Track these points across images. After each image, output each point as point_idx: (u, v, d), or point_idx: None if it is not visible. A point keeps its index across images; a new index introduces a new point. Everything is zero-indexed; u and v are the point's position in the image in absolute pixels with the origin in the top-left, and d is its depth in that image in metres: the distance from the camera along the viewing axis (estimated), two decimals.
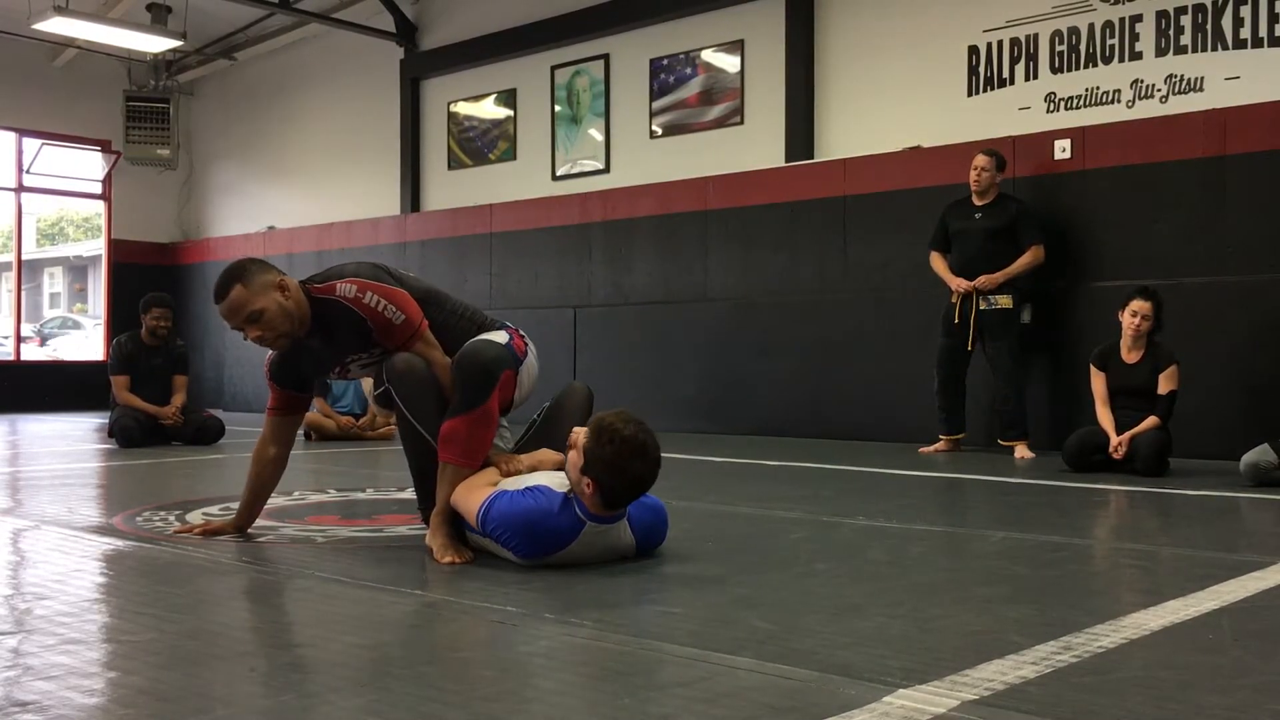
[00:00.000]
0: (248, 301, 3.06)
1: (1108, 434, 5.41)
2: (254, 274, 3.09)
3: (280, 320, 3.08)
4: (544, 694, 1.85)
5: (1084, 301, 6.59)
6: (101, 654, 2.14)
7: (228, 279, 3.09)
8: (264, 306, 3.06)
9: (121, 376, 7.01)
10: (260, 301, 3.06)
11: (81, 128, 12.15)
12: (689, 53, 8.79)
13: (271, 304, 3.07)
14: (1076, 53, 6.90)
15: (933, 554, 3.26)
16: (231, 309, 3.08)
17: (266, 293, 3.07)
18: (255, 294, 3.06)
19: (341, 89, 11.50)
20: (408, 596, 2.64)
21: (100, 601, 2.66)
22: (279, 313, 3.07)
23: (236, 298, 3.06)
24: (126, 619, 2.44)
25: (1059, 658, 2.00)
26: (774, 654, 2.02)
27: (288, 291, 3.10)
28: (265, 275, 3.11)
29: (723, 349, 8.24)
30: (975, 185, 6.46)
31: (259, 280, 3.08)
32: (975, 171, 6.45)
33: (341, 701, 1.80)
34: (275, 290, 3.08)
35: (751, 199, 8.18)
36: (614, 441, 2.69)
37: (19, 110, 11.71)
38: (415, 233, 10.56)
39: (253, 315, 3.06)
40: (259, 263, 3.18)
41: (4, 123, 11.72)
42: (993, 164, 6.43)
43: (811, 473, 5.55)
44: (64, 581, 2.85)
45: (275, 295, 3.08)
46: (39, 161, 12.02)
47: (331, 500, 4.33)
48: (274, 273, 3.14)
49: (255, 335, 3.08)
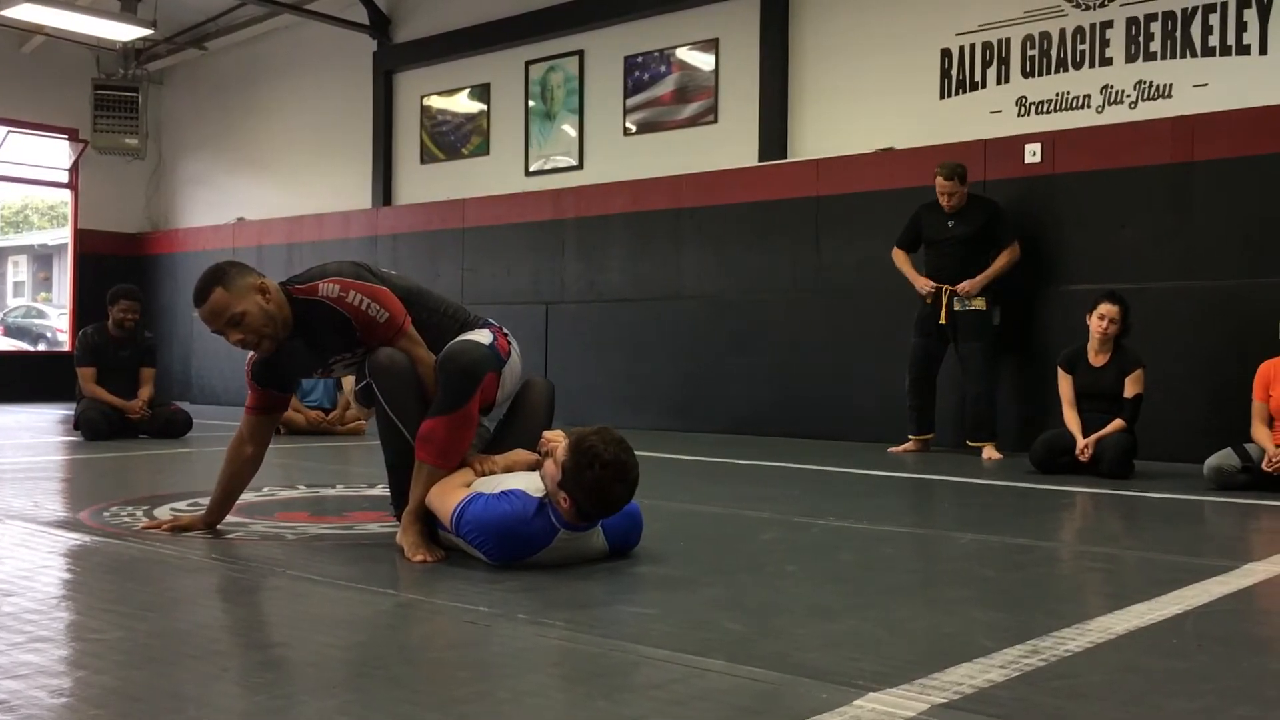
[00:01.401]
0: (229, 305, 3.03)
1: (1074, 436, 5.47)
2: (234, 277, 3.07)
3: (262, 323, 3.06)
4: (519, 695, 1.85)
5: (1052, 305, 6.65)
6: (70, 652, 2.13)
7: (207, 282, 3.06)
8: (245, 309, 3.04)
9: (88, 368, 6.94)
10: (241, 304, 3.04)
11: (49, 115, 12.00)
12: (664, 50, 8.79)
13: (253, 307, 3.05)
14: (1048, 58, 6.96)
15: (902, 555, 3.28)
16: (212, 312, 3.05)
17: (247, 295, 3.05)
18: (236, 297, 3.04)
19: (313, 81, 11.42)
20: (380, 595, 2.63)
21: (68, 598, 2.65)
22: (260, 315, 3.05)
23: (217, 301, 3.04)
24: (95, 616, 2.42)
25: (1026, 661, 2.03)
26: (745, 656, 2.03)
27: (269, 294, 3.08)
28: (245, 278, 3.08)
29: (695, 347, 8.26)
30: (947, 206, 6.50)
31: (239, 283, 3.06)
32: (944, 197, 6.48)
33: (316, 702, 1.80)
34: (256, 293, 3.06)
35: (725, 198, 8.20)
36: (594, 466, 2.69)
37: None
38: (387, 227, 10.51)
39: (234, 319, 3.04)
40: (238, 265, 3.16)
41: None
42: (956, 184, 6.45)
43: (782, 472, 5.57)
44: (30, 578, 2.82)
45: (256, 298, 3.06)
46: (4, 149, 11.86)
47: (301, 496, 4.31)
48: (254, 275, 3.12)
49: (237, 339, 3.06)
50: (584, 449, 2.72)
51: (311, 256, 10.77)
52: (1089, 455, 5.36)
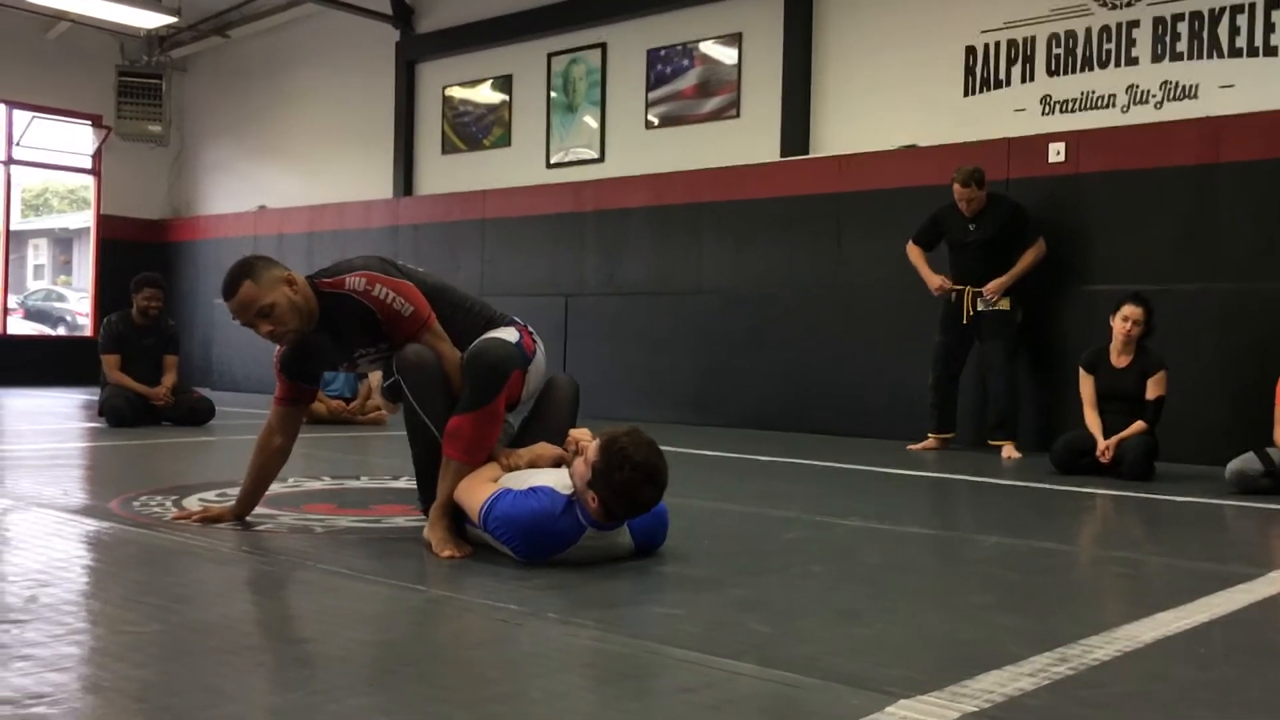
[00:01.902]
0: (257, 297, 3.07)
1: (1095, 437, 5.46)
2: (262, 270, 3.11)
3: (289, 315, 3.10)
4: (551, 697, 1.88)
5: (1074, 304, 6.64)
6: (108, 645, 2.16)
7: (236, 275, 3.11)
8: (274, 301, 3.08)
9: (112, 355, 7.00)
10: (270, 296, 3.08)
11: (73, 101, 12.07)
12: (687, 44, 8.79)
13: (281, 299, 3.09)
14: (1073, 56, 6.93)
15: (926, 557, 3.30)
16: (241, 305, 3.09)
17: (275, 288, 3.09)
18: (264, 289, 3.08)
19: (336, 70, 11.45)
20: (409, 591, 2.66)
21: (103, 589, 2.68)
22: (288, 307, 3.09)
23: (246, 293, 3.08)
24: (130, 608, 2.45)
25: (1055, 670, 2.04)
26: (775, 660, 2.05)
27: (295, 286, 3.12)
28: (273, 271, 3.13)
29: (713, 342, 8.27)
30: (966, 212, 6.50)
31: (267, 276, 3.10)
32: (963, 203, 6.48)
33: (349, 700, 1.82)
34: (284, 285, 3.10)
35: (746, 193, 8.20)
36: (624, 468, 2.71)
37: (10, 82, 11.62)
38: (408, 217, 10.54)
39: (263, 310, 3.08)
40: (265, 259, 3.20)
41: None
42: (974, 190, 6.44)
43: (802, 469, 5.58)
44: (66, 568, 2.86)
45: (284, 290, 3.10)
46: (29, 134, 11.94)
47: (326, 488, 4.34)
48: (281, 268, 3.16)
49: (266, 330, 3.10)
50: (615, 450, 2.74)
51: (332, 245, 10.82)
52: (1110, 457, 5.36)
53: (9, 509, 3.69)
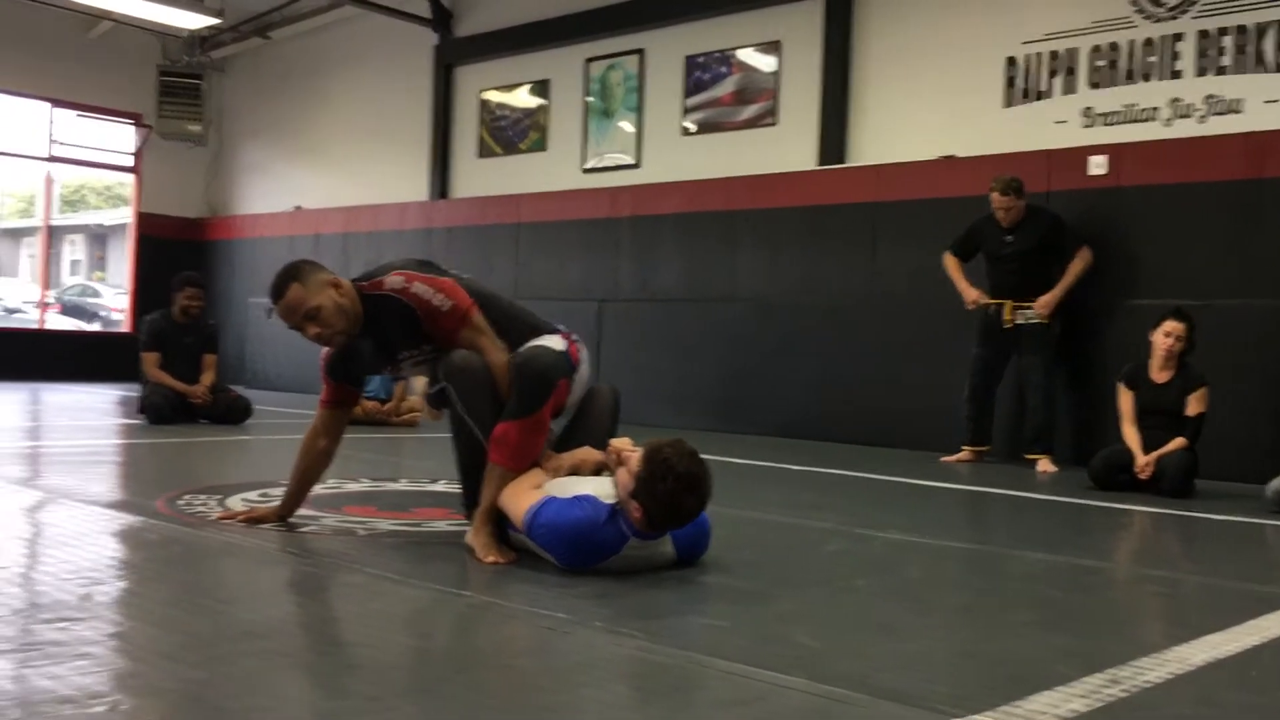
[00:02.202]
0: (305, 299, 3.12)
1: (1134, 453, 5.43)
2: (308, 273, 3.16)
3: (336, 317, 3.14)
4: (601, 707, 1.89)
5: (1114, 318, 6.59)
6: (162, 645, 2.17)
7: (284, 278, 3.16)
8: (320, 304, 3.12)
9: (152, 353, 7.07)
10: (317, 299, 3.12)
11: (114, 100, 12.21)
12: (725, 51, 8.79)
13: (328, 301, 3.12)
14: (1115, 68, 6.89)
15: (968, 573, 3.29)
16: (289, 307, 3.14)
17: (322, 290, 3.13)
18: (312, 292, 3.13)
19: (374, 72, 11.53)
20: (455, 596, 2.68)
21: (153, 588, 2.71)
22: (335, 310, 3.13)
23: (294, 296, 3.12)
24: (182, 608, 2.48)
25: (1107, 691, 2.03)
26: (824, 675, 2.05)
27: (341, 289, 3.16)
28: (319, 274, 3.17)
29: (746, 349, 8.27)
30: (1004, 222, 6.47)
31: (314, 279, 3.15)
32: (1000, 212, 6.46)
33: (403, 706, 1.83)
34: (330, 288, 3.14)
35: (781, 201, 8.20)
36: (667, 479, 2.72)
37: (53, 81, 11.76)
38: (442, 219, 10.60)
39: (310, 313, 3.11)
40: (311, 263, 3.25)
41: (38, 92, 11.78)
42: (1012, 198, 6.42)
43: (837, 480, 5.57)
44: (116, 565, 2.90)
45: (330, 292, 3.14)
46: (70, 132, 12.08)
47: (366, 490, 4.37)
48: (327, 272, 3.21)
49: (314, 333, 3.14)
50: (658, 460, 2.75)
51: (367, 246, 10.90)
52: (1149, 473, 5.32)
53: (58, 506, 3.74)
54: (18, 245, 25.57)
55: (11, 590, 2.52)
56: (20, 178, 21.65)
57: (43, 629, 2.20)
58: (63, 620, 2.28)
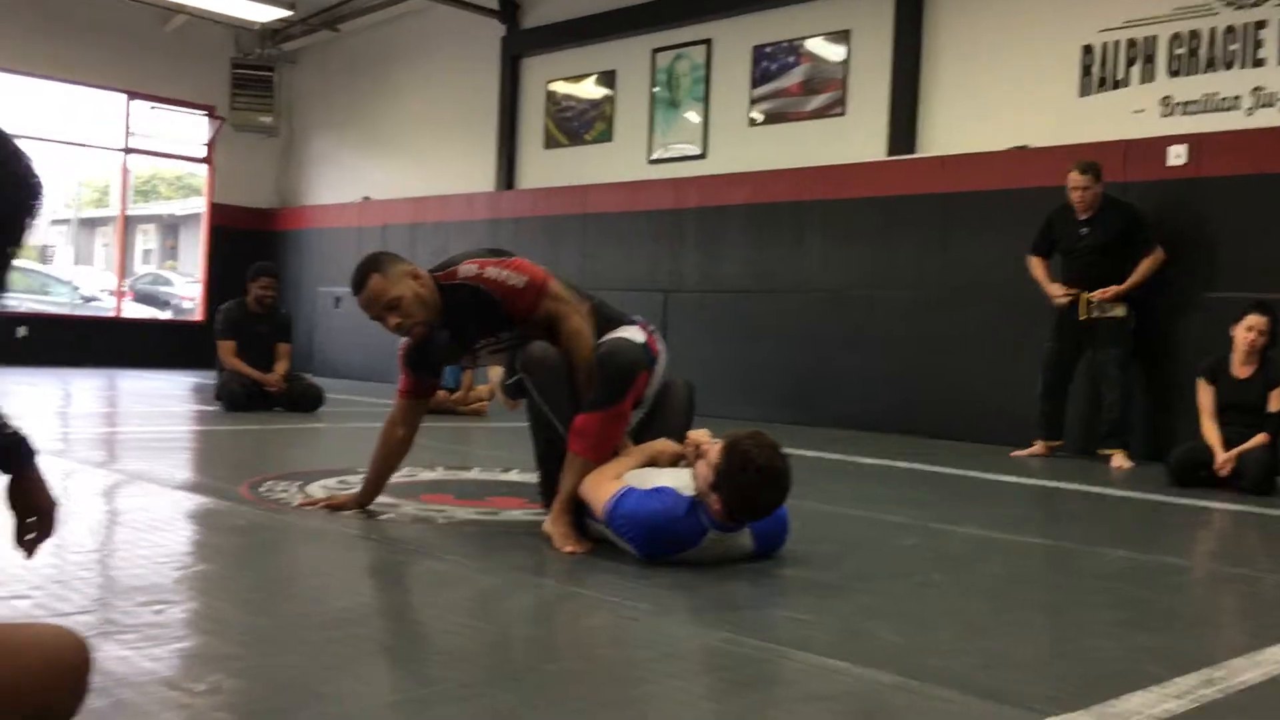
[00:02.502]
0: (385, 289, 3.16)
1: (1214, 449, 5.32)
2: (388, 264, 3.21)
3: (416, 306, 3.17)
4: (691, 699, 1.90)
5: (1192, 312, 6.46)
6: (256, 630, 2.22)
7: (365, 270, 3.20)
8: (401, 294, 3.16)
9: (228, 341, 7.21)
10: (397, 289, 3.16)
11: (188, 92, 12.44)
12: (793, 41, 8.74)
13: (408, 291, 3.17)
14: (1196, 57, 6.74)
15: (1048, 570, 3.25)
16: (370, 298, 3.18)
17: (402, 280, 3.17)
18: (392, 282, 3.17)
19: (441, 64, 11.62)
20: (537, 586, 2.71)
21: (243, 573, 2.77)
22: (415, 299, 3.17)
23: (375, 286, 3.17)
24: (272, 593, 2.53)
25: (1202, 692, 2.00)
26: (914, 671, 2.04)
27: (420, 279, 3.20)
28: (399, 265, 3.22)
29: (813, 341, 8.23)
30: (1080, 204, 6.36)
31: (394, 269, 3.19)
32: (1077, 192, 6.34)
33: (497, 694, 1.85)
34: (409, 278, 3.19)
35: (850, 191, 8.14)
36: (747, 470, 2.72)
37: (129, 73, 12.02)
38: (509, 210, 10.67)
39: (391, 303, 3.16)
40: (390, 254, 3.30)
41: (115, 84, 12.04)
42: (1091, 179, 6.31)
43: (907, 473, 5.54)
44: (206, 549, 2.97)
45: (410, 283, 3.18)
46: (145, 123, 12.34)
47: (442, 479, 4.43)
48: (406, 262, 3.25)
49: (395, 322, 3.18)
50: (739, 453, 2.75)
51: (434, 237, 11.00)
52: (1229, 470, 5.22)
53: (146, 490, 3.83)
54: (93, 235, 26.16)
55: (110, 574, 2.60)
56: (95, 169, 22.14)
57: (141, 611, 2.26)
58: (159, 603, 2.34)
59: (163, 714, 1.66)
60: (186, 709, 1.69)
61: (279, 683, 1.86)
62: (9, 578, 2.40)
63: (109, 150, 12.52)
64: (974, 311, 7.40)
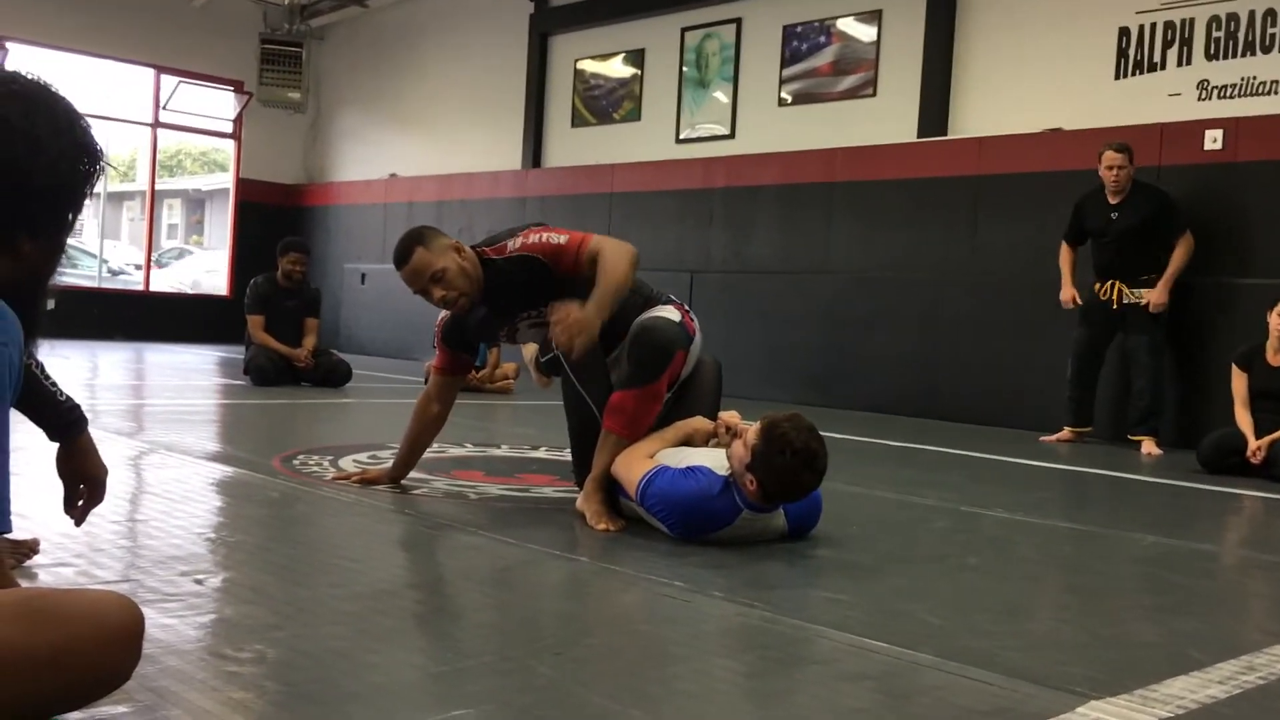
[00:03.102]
0: (430, 262, 3.17)
1: (1246, 437, 5.28)
2: (431, 238, 3.22)
3: (460, 279, 3.18)
4: (735, 676, 1.90)
5: (1227, 298, 6.40)
6: (297, 601, 2.23)
7: (408, 243, 3.21)
8: (445, 265, 3.17)
9: (257, 316, 7.24)
10: (441, 261, 3.17)
11: (216, 68, 12.47)
12: (824, 21, 8.68)
13: (452, 264, 3.18)
14: (1234, 40, 6.65)
15: (1084, 555, 3.23)
16: (415, 271, 3.19)
17: (446, 254, 3.19)
18: (436, 255, 3.18)
19: (469, 41, 11.60)
20: (570, 561, 2.71)
21: (280, 545, 2.78)
22: (459, 272, 3.18)
23: (419, 260, 3.17)
24: (312, 565, 2.54)
25: (1244, 678, 1.99)
26: (953, 652, 2.04)
27: (464, 253, 3.21)
28: (441, 238, 3.23)
29: (839, 323, 8.20)
30: (1113, 184, 6.29)
31: (437, 243, 3.20)
32: (1112, 171, 6.27)
33: (541, 669, 1.85)
34: (452, 251, 3.20)
35: (880, 173, 8.09)
36: (785, 453, 2.71)
37: (158, 48, 12.05)
38: (535, 188, 10.66)
39: (435, 275, 3.17)
40: (432, 229, 3.32)
41: (143, 59, 12.07)
42: (1126, 159, 6.25)
43: (937, 457, 5.52)
44: (243, 521, 2.98)
45: (453, 255, 3.19)
46: (173, 99, 12.37)
47: (471, 455, 4.44)
48: (447, 237, 3.26)
49: (440, 295, 3.18)
50: (776, 435, 2.74)
51: (460, 214, 11.00)
52: (1261, 458, 5.18)
53: (180, 462, 3.86)
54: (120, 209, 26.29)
55: (150, 543, 2.62)
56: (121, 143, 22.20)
57: (181, 580, 2.27)
58: (200, 573, 2.36)
59: (210, 681, 1.68)
60: (233, 676, 1.71)
61: (322, 652, 1.87)
62: (49, 545, 2.42)
63: (138, 125, 12.56)
64: (1004, 295, 7.35)
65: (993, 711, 1.74)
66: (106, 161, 1.43)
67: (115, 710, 1.52)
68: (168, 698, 1.60)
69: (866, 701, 1.78)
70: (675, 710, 1.70)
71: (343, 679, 1.74)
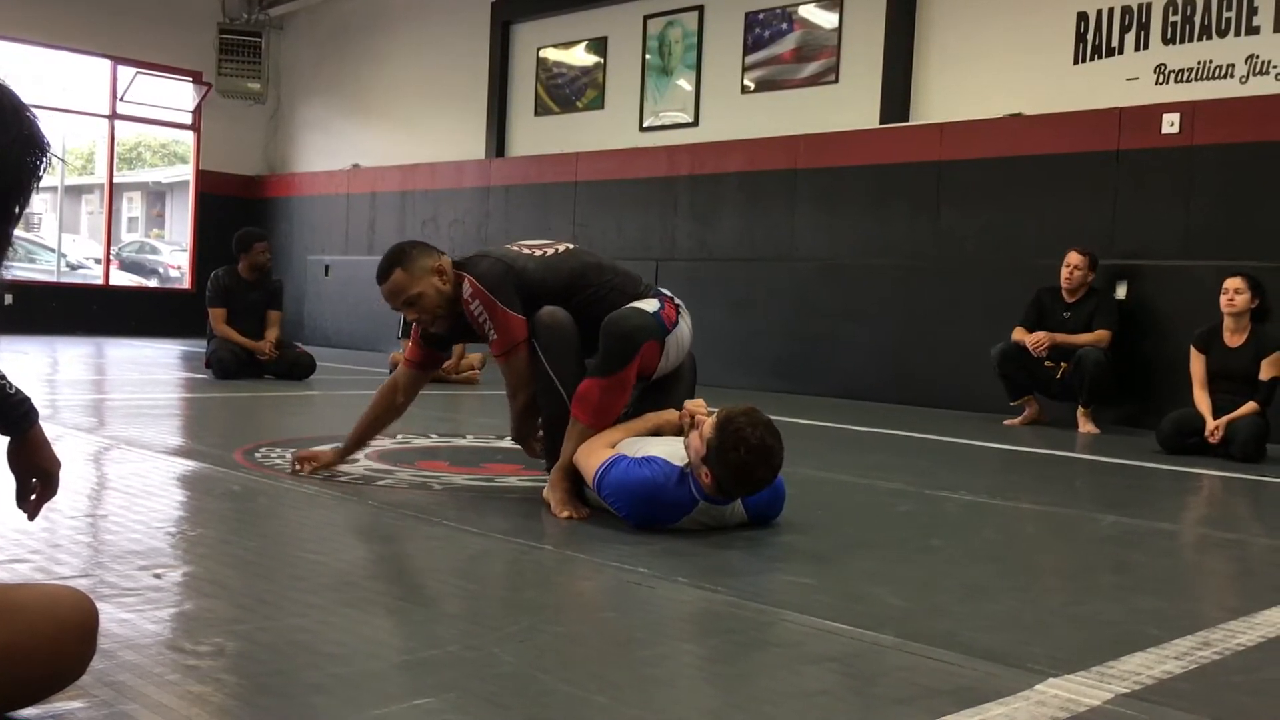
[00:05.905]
0: (407, 286, 3.21)
1: (1204, 417, 5.35)
2: (414, 259, 3.23)
3: (435, 305, 3.24)
4: (701, 661, 1.91)
5: (1183, 281, 6.48)
6: (258, 593, 2.21)
7: (390, 263, 3.24)
8: (421, 291, 3.21)
9: (219, 309, 7.17)
10: (418, 286, 3.21)
11: (174, 58, 12.31)
12: (785, 8, 8.69)
13: (429, 289, 3.21)
14: (1190, 24, 6.72)
15: (1045, 535, 3.27)
16: (391, 291, 3.23)
17: (425, 278, 3.21)
18: (414, 279, 3.21)
19: (431, 30, 11.52)
20: (535, 550, 2.70)
21: (243, 538, 2.76)
22: (435, 298, 3.22)
23: (396, 281, 3.22)
24: (274, 557, 2.53)
25: (1200, 654, 2.02)
26: (916, 633, 2.05)
27: (445, 276, 3.24)
28: (425, 260, 3.24)
29: (806, 310, 8.23)
30: (1066, 283, 6.37)
31: (419, 265, 3.22)
32: (1068, 269, 6.36)
33: (501, 655, 1.85)
34: (433, 275, 3.22)
35: (843, 160, 8.12)
36: (739, 449, 2.69)
37: (114, 38, 11.88)
38: (499, 178, 10.61)
39: (410, 299, 3.21)
40: (421, 247, 3.31)
41: (99, 50, 11.90)
42: (1086, 263, 6.34)
43: (902, 441, 5.55)
44: (204, 514, 2.95)
45: (433, 280, 3.22)
46: (131, 90, 12.21)
47: (435, 446, 4.42)
48: (434, 257, 3.26)
49: (412, 316, 3.26)
50: (730, 430, 2.72)
51: (424, 204, 10.95)
52: (1219, 437, 5.25)
53: (141, 457, 3.82)
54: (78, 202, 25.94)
55: (109, 538, 2.59)
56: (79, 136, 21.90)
57: (140, 575, 2.25)
58: (159, 566, 2.33)
59: (167, 675, 1.66)
60: (191, 670, 1.69)
61: (283, 644, 1.85)
62: (5, 541, 2.39)
63: (95, 117, 12.39)
64: (967, 280, 7.40)
65: (954, 690, 1.76)
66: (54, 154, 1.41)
67: (71, 706, 1.50)
68: (125, 692, 1.58)
69: (830, 683, 1.79)
70: (639, 695, 1.70)
71: (304, 670, 1.73)
